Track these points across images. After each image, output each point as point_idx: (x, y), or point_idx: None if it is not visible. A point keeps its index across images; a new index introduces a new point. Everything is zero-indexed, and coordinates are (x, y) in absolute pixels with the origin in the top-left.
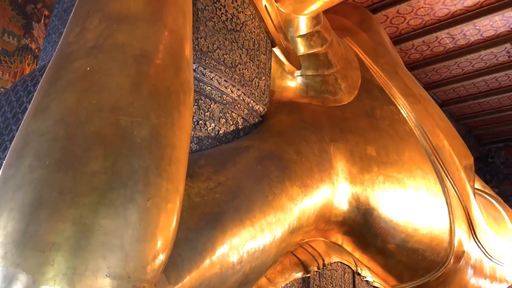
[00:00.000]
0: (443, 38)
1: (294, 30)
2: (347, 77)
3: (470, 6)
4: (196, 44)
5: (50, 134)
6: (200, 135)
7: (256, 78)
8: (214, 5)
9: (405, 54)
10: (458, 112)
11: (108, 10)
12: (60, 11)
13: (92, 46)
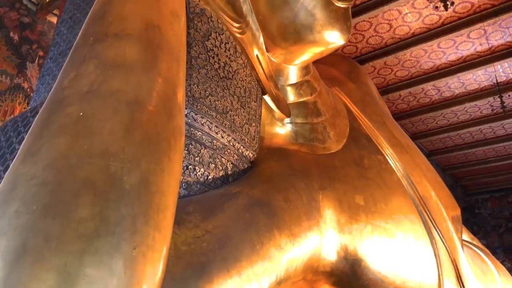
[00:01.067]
0: (429, 89)
1: (285, 79)
2: (335, 126)
3: (454, 61)
4: (189, 90)
5: (39, 178)
6: (189, 180)
7: (247, 125)
8: (207, 53)
9: (392, 104)
10: (445, 162)
11: (103, 57)
12: (56, 53)
13: (86, 92)
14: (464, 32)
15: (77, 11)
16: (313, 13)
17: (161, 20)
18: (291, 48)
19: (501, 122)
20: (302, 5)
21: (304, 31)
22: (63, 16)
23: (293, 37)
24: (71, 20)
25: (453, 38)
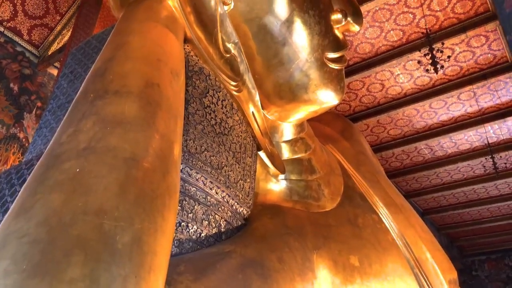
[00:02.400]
0: (422, 148)
1: (279, 135)
2: (330, 184)
3: (445, 121)
4: (185, 145)
5: (31, 236)
6: (181, 237)
7: (241, 180)
8: (204, 110)
9: (386, 161)
10: (440, 222)
11: (103, 113)
12: (54, 106)
13: (84, 148)
14: (455, 94)
15: (78, 66)
16: (308, 74)
17: (161, 79)
18: (286, 106)
19: (494, 183)
20: (297, 66)
21: (299, 91)
22: (64, 70)
23: (288, 96)
24: (71, 75)
25: (444, 99)
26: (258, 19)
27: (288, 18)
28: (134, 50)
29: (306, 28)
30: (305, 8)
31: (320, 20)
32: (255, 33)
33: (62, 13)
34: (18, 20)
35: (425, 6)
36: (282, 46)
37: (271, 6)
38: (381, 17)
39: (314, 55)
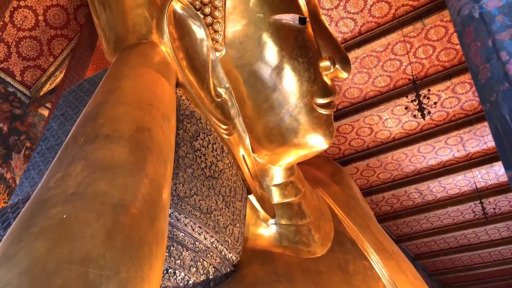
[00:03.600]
0: (412, 192)
1: (270, 179)
2: (320, 229)
3: (434, 165)
4: (174, 189)
5: (13, 285)
6: (168, 285)
7: (231, 225)
8: (195, 153)
9: (376, 205)
10: (432, 267)
11: (92, 158)
12: (44, 149)
13: (72, 193)
14: (442, 139)
15: (69, 108)
16: (298, 119)
17: (152, 123)
18: (277, 150)
19: (484, 228)
20: (287, 110)
21: (289, 135)
22: (55, 112)
23: (278, 139)
24: (62, 117)
25: (432, 144)
26: (249, 65)
27: (278, 65)
28: (126, 95)
29: (295, 74)
30: (294, 56)
31: (309, 67)
32: (246, 78)
33: (55, 55)
34: (11, 61)
35: (411, 53)
36: (272, 91)
37: (261, 53)
38: (369, 63)
39: (303, 100)
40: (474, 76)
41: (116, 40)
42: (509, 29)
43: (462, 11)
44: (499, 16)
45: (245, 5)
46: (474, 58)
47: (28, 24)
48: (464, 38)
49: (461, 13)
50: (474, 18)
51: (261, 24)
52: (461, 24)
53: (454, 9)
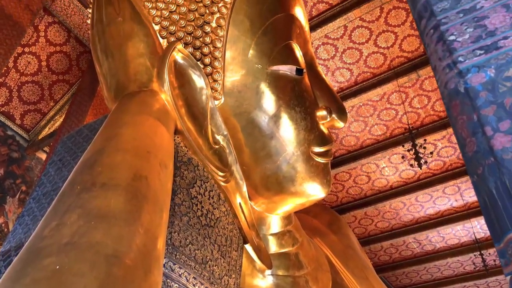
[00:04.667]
0: (411, 242)
1: (267, 228)
2: (317, 280)
3: (432, 215)
4: (169, 238)
5: None
6: None
7: (226, 276)
8: (191, 200)
9: (374, 255)
10: None
11: (88, 207)
12: (40, 194)
13: (66, 243)
14: (440, 188)
15: (67, 154)
16: (295, 167)
17: (150, 171)
18: (274, 198)
19: (485, 280)
20: (284, 158)
21: (286, 183)
22: (52, 157)
23: (276, 187)
24: (60, 162)
25: (430, 193)
26: (247, 114)
27: (275, 114)
28: (125, 142)
29: (292, 123)
30: (291, 105)
31: (306, 116)
32: (243, 126)
33: (56, 99)
34: (12, 105)
35: (406, 103)
36: (270, 139)
37: (259, 102)
38: (365, 112)
39: (300, 149)
40: (462, 148)
41: (117, 88)
42: (492, 105)
43: (449, 84)
44: (483, 92)
45: (243, 56)
46: (461, 131)
47: (31, 69)
48: (451, 110)
49: (447, 86)
50: (460, 93)
51: (259, 74)
52: (448, 97)
53: (441, 82)
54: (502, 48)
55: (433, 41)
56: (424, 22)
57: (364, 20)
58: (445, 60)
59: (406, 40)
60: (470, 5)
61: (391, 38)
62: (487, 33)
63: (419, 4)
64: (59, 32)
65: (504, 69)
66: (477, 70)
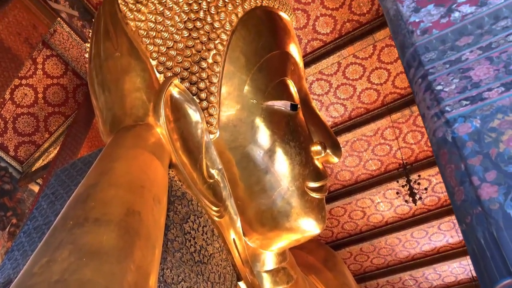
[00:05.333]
0: (407, 279)
1: (261, 264)
2: None
3: (428, 251)
4: (161, 275)
5: None
6: None
7: None
8: (184, 236)
9: None
10: None
11: (80, 243)
12: (31, 228)
13: (56, 281)
14: (435, 224)
15: (61, 187)
16: (290, 202)
17: (143, 206)
18: (268, 234)
19: None
20: (279, 193)
21: (281, 218)
22: (45, 190)
23: (270, 223)
24: (53, 196)
25: (425, 229)
26: (242, 148)
27: (270, 148)
28: (119, 177)
29: (287, 158)
30: (286, 140)
31: (301, 151)
32: (238, 160)
33: (51, 131)
34: (6, 137)
35: (400, 139)
36: (265, 174)
37: (254, 136)
38: (359, 147)
39: (295, 184)
40: (451, 196)
41: (112, 121)
42: (479, 155)
43: (437, 133)
44: (469, 142)
45: (239, 92)
46: (450, 179)
47: (27, 101)
48: (440, 158)
49: (436, 134)
50: (448, 142)
51: (254, 109)
52: (436, 145)
53: (430, 130)
54: (487, 100)
55: (421, 90)
56: (413, 71)
57: (357, 57)
58: (433, 109)
59: (399, 76)
60: (456, 57)
61: (384, 74)
62: (472, 84)
63: (407, 53)
64: (56, 65)
65: (489, 120)
66: (464, 120)
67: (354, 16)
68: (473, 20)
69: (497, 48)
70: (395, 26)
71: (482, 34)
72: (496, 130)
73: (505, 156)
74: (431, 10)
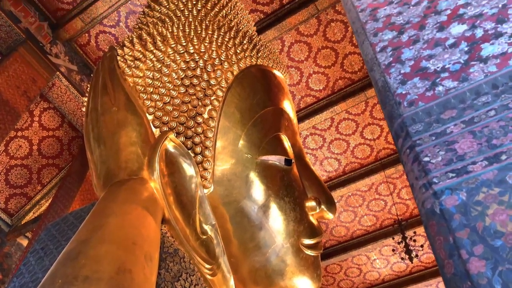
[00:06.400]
0: None
1: None
2: None
3: None
4: None
5: None
6: None
7: None
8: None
9: None
10: None
11: None
12: (16, 285)
13: None
14: (433, 282)
15: (51, 242)
16: (284, 260)
17: (134, 264)
18: None
19: None
20: (274, 250)
21: (275, 277)
22: (34, 245)
23: (264, 281)
24: (42, 251)
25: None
26: (236, 203)
27: (264, 204)
28: (111, 233)
29: (282, 213)
30: (280, 195)
31: (295, 207)
32: (232, 215)
33: (44, 183)
34: None
35: (394, 194)
36: (259, 230)
37: (248, 191)
38: (354, 202)
39: (290, 240)
40: (441, 269)
41: (106, 175)
42: (466, 228)
43: (425, 204)
44: (457, 214)
45: (234, 146)
46: (439, 251)
47: (22, 153)
48: (429, 230)
49: (424, 205)
50: (436, 213)
51: (249, 164)
52: (425, 216)
53: (418, 200)
54: (472, 173)
55: (409, 160)
56: (401, 141)
57: (350, 113)
58: (421, 180)
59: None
60: (441, 129)
61: (376, 130)
62: (457, 157)
63: (395, 123)
64: (53, 117)
65: (474, 193)
66: (451, 193)
67: (346, 74)
68: (456, 94)
69: (479, 123)
70: (383, 97)
71: (464, 108)
72: (482, 204)
73: (491, 230)
74: (416, 83)
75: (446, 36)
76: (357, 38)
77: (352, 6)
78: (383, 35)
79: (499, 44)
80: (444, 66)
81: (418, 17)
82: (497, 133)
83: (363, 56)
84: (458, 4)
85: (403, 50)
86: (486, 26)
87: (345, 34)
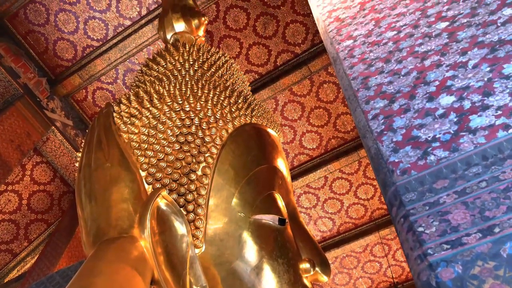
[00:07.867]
0: None
1: None
2: None
3: None
4: None
5: None
6: None
7: None
8: None
9: None
10: None
11: None
12: None
13: None
14: None
15: None
16: None
17: None
18: None
19: None
20: None
21: None
22: None
23: None
24: None
25: None
26: (228, 264)
27: (257, 265)
28: None
29: (275, 276)
30: (274, 256)
31: (289, 269)
32: (224, 277)
33: (31, 239)
34: None
35: (390, 256)
36: None
37: (241, 252)
38: (349, 263)
39: None
40: None
41: (96, 233)
42: None
43: (421, 276)
44: None
45: (227, 204)
46: None
47: (11, 207)
48: None
49: (420, 277)
50: (432, 286)
51: (242, 223)
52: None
53: (414, 271)
54: (466, 245)
55: (404, 230)
56: (395, 210)
57: (343, 172)
58: (416, 250)
59: None
60: (434, 199)
61: (370, 190)
62: (451, 228)
63: (389, 191)
64: (45, 171)
65: (470, 266)
66: (446, 265)
67: (339, 133)
68: (447, 164)
69: (471, 194)
70: (376, 164)
71: (456, 178)
72: (478, 278)
73: None
74: (408, 152)
75: (435, 106)
76: (350, 104)
77: (344, 74)
78: (375, 103)
79: (486, 116)
80: (435, 136)
81: (408, 86)
82: (489, 205)
83: (355, 122)
84: (445, 76)
85: (395, 119)
86: (473, 98)
87: (337, 95)
